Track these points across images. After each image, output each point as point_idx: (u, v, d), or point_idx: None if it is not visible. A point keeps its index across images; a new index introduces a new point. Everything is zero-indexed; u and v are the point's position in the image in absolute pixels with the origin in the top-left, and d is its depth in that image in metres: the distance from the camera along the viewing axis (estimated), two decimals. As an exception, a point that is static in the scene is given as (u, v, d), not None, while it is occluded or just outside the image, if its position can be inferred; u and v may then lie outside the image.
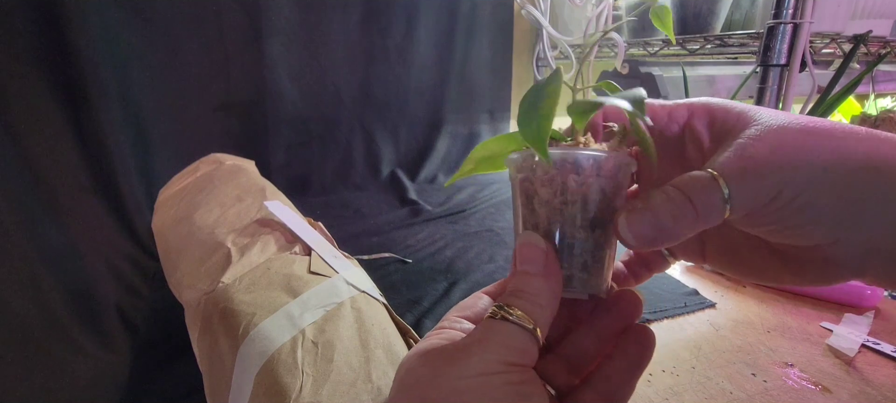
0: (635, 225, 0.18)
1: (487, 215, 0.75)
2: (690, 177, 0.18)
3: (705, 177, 0.17)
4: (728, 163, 0.17)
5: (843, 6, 0.55)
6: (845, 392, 0.35)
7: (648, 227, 0.18)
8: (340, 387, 0.25)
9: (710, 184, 0.17)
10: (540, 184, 0.19)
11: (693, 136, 0.20)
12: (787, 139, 0.17)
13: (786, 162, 0.16)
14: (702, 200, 0.17)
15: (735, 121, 0.19)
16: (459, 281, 0.52)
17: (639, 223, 0.18)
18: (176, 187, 0.49)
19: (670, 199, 0.17)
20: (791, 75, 0.56)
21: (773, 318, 0.45)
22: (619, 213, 0.18)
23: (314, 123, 0.87)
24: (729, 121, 0.19)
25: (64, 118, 0.59)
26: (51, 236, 0.50)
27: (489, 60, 1.02)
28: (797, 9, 0.53)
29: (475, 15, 0.97)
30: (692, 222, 0.17)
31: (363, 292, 0.32)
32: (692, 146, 0.20)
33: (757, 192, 0.17)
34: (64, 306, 0.44)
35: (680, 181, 0.18)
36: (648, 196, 0.18)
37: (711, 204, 0.17)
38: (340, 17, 0.84)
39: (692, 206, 0.17)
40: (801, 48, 0.54)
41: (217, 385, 0.28)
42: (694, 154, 0.20)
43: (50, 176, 0.55)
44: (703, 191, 0.17)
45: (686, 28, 0.69)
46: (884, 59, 0.68)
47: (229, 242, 0.36)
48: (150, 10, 0.69)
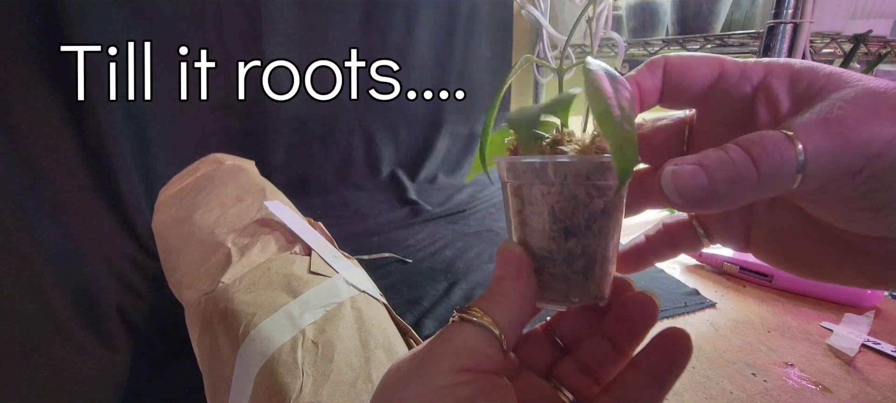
0: (682, 180, 0.15)
1: (487, 215, 0.75)
2: (759, 134, 0.15)
3: (777, 135, 0.14)
4: (810, 123, 0.14)
5: (843, 6, 0.55)
6: (845, 392, 0.35)
7: (697, 185, 0.15)
8: (341, 387, 0.25)
9: (782, 145, 0.14)
10: (512, 191, 0.19)
11: (769, 98, 0.17)
12: (887, 104, 0.14)
13: (883, 128, 0.14)
14: (768, 162, 0.14)
15: (824, 82, 0.16)
16: (459, 281, 0.52)
17: (687, 177, 0.15)
18: (176, 187, 0.49)
19: (729, 157, 0.15)
20: (791, 75, 0.56)
21: (774, 318, 0.45)
22: (666, 164, 0.16)
23: (314, 123, 0.87)
24: (816, 82, 0.16)
25: (64, 118, 0.59)
26: (51, 236, 0.50)
27: (489, 60, 1.02)
28: (797, 8, 0.53)
29: (475, 15, 0.97)
30: (753, 187, 0.14)
31: (363, 292, 0.32)
32: (766, 109, 0.17)
33: (840, 160, 0.14)
34: (64, 306, 0.44)
35: (745, 138, 0.15)
36: (704, 152, 0.15)
37: (780, 168, 0.14)
38: (340, 16, 0.84)
39: (755, 168, 0.14)
40: (801, 48, 0.54)
41: (217, 385, 0.28)
42: (767, 117, 0.17)
43: (50, 176, 0.55)
44: (772, 151, 0.14)
45: (686, 28, 0.69)
46: (884, 58, 0.68)
47: (229, 242, 0.36)
48: (150, 10, 0.69)
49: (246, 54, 0.78)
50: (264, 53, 0.79)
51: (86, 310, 0.46)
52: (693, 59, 0.18)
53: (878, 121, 0.14)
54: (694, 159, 0.15)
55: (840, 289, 0.47)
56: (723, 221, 0.20)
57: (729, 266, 0.53)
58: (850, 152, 0.14)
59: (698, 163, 0.15)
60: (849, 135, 0.14)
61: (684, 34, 0.70)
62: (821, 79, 0.16)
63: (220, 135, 0.80)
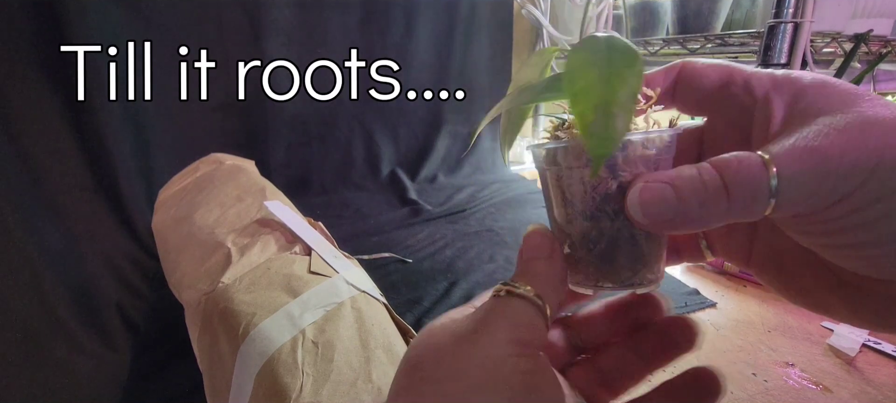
0: (649, 199, 0.15)
1: (487, 215, 0.75)
2: (734, 155, 0.14)
3: (753, 159, 0.14)
4: (788, 149, 0.14)
5: (843, 5, 0.55)
6: (846, 392, 0.35)
7: (665, 205, 0.14)
8: (341, 387, 0.25)
9: (755, 169, 0.14)
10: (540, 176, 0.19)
11: (766, 112, 0.16)
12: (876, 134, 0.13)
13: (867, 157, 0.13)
14: (740, 187, 0.14)
15: (822, 104, 0.15)
16: (459, 281, 0.52)
17: (656, 196, 0.15)
18: (176, 187, 0.49)
19: (700, 178, 0.14)
20: (792, 74, 0.55)
21: (774, 318, 0.45)
22: (634, 182, 0.15)
23: (314, 123, 0.87)
24: (816, 102, 0.15)
25: (64, 118, 0.59)
26: (51, 235, 0.50)
27: (489, 60, 1.01)
28: (798, 8, 0.53)
29: (475, 15, 0.97)
30: (723, 211, 0.14)
31: (363, 292, 0.32)
32: (761, 124, 0.16)
33: (816, 190, 0.13)
34: (64, 305, 0.44)
35: (721, 159, 0.14)
36: (679, 169, 0.15)
37: (751, 194, 0.14)
38: (340, 16, 0.84)
39: (726, 192, 0.14)
40: (801, 47, 0.54)
41: (217, 385, 0.28)
42: (760, 133, 0.16)
43: (50, 175, 0.55)
44: (743, 175, 0.14)
45: (687, 27, 0.69)
46: (885, 58, 0.68)
47: (229, 242, 0.36)
48: (150, 10, 0.69)
49: (246, 54, 0.78)
50: (264, 53, 0.79)
51: (86, 309, 0.46)
52: (707, 65, 0.18)
53: (859, 154, 0.13)
54: (666, 177, 0.15)
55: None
56: (726, 235, 0.20)
57: (729, 265, 0.53)
58: (826, 183, 0.13)
59: (670, 181, 0.15)
60: (826, 166, 0.13)
61: (684, 34, 0.70)
62: (820, 100, 0.15)
63: (220, 135, 0.80)
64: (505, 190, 0.87)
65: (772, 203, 0.14)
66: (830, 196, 0.13)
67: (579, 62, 0.15)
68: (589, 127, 0.14)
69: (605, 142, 0.14)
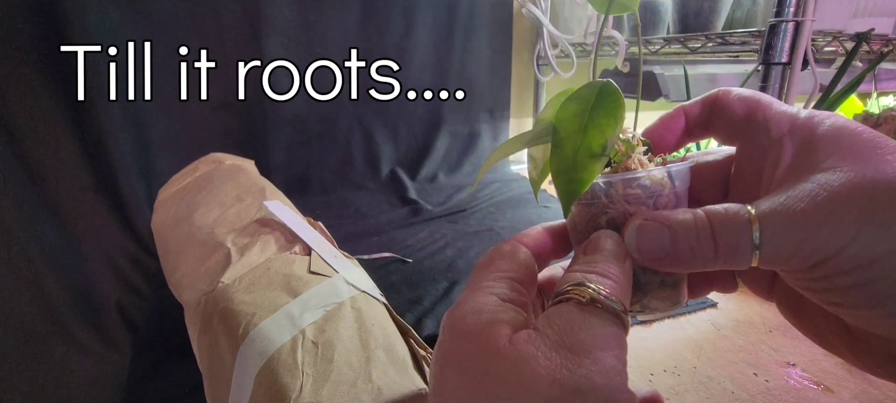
0: (644, 238, 0.16)
1: (488, 214, 0.75)
2: (725, 208, 0.15)
3: (740, 214, 0.15)
4: (775, 209, 0.14)
5: (845, 4, 0.55)
6: (847, 392, 0.35)
7: (658, 245, 0.15)
8: (341, 387, 0.25)
9: (741, 224, 0.15)
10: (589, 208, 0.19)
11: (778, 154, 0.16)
12: (869, 195, 0.13)
13: (848, 224, 0.13)
14: (725, 238, 0.15)
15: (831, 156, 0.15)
16: (460, 281, 0.52)
17: (650, 237, 0.16)
18: (175, 187, 0.49)
19: (694, 224, 0.15)
20: (793, 74, 0.55)
21: (775, 317, 0.45)
22: (634, 217, 0.16)
23: (314, 123, 0.87)
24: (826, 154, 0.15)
25: (64, 117, 0.59)
26: (51, 235, 0.50)
27: (488, 59, 1.01)
28: (799, 7, 0.53)
29: (474, 14, 0.97)
30: (709, 259, 0.15)
31: (363, 292, 0.32)
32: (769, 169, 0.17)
33: (795, 251, 0.14)
34: (65, 304, 0.44)
35: (712, 209, 0.15)
36: (677, 212, 0.16)
37: (735, 246, 0.15)
38: (339, 15, 0.84)
39: (713, 243, 0.15)
40: (802, 46, 0.53)
41: (217, 385, 0.28)
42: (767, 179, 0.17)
43: (50, 175, 0.55)
44: (729, 227, 0.15)
45: (687, 26, 0.69)
46: (886, 57, 0.68)
47: (229, 242, 0.36)
48: (150, 10, 0.69)
49: (246, 54, 0.78)
50: (264, 53, 0.79)
51: (86, 309, 0.46)
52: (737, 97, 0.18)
53: (841, 220, 0.13)
54: (663, 218, 0.16)
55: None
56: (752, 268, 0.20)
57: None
58: (804, 247, 0.14)
59: (666, 223, 0.16)
60: (805, 231, 0.14)
61: (685, 32, 0.70)
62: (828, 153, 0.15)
63: (220, 135, 0.80)
64: (505, 190, 0.87)
65: (756, 255, 0.15)
66: (812, 257, 0.14)
67: (568, 113, 0.17)
68: (559, 174, 0.16)
69: (571, 187, 0.16)
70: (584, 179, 0.16)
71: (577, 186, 0.16)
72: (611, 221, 0.18)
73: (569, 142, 0.16)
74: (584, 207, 0.18)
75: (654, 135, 0.20)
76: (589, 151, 0.16)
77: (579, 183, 0.16)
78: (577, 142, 0.16)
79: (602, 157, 0.16)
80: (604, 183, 0.17)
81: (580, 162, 0.16)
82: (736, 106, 0.18)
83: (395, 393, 0.25)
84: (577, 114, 0.17)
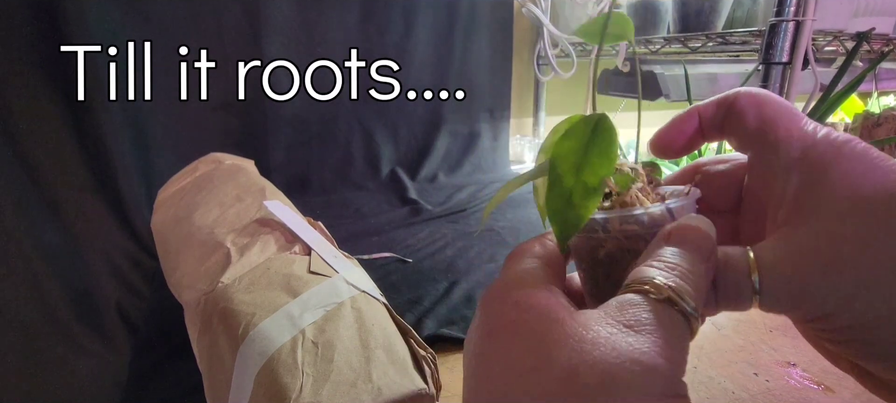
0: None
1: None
2: (725, 253, 0.15)
3: (739, 259, 0.14)
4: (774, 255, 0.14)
5: (845, 4, 0.55)
6: (848, 392, 0.35)
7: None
8: (341, 387, 0.25)
9: (740, 271, 0.14)
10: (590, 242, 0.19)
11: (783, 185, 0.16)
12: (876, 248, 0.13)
13: (851, 279, 0.13)
14: (725, 282, 0.15)
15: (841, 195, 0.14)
16: (460, 281, 0.52)
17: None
18: (175, 187, 0.49)
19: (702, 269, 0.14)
20: (793, 73, 0.55)
21: (776, 317, 0.45)
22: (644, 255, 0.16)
23: (314, 123, 0.87)
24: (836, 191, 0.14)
25: (64, 117, 0.59)
26: (51, 235, 0.50)
27: (489, 59, 1.01)
28: (799, 6, 0.53)
29: (475, 14, 0.97)
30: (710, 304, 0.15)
31: (363, 292, 0.32)
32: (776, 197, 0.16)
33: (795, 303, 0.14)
34: (64, 305, 0.44)
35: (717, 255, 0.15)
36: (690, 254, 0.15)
37: (735, 290, 0.14)
38: (339, 15, 0.84)
39: (715, 289, 0.15)
40: (803, 46, 0.53)
41: (217, 386, 0.28)
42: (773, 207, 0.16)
43: (50, 175, 0.55)
44: (730, 275, 0.15)
45: (688, 25, 0.69)
46: (886, 56, 0.68)
47: (229, 242, 0.36)
48: (150, 10, 0.69)
49: (246, 54, 0.78)
50: (264, 53, 0.79)
51: (85, 309, 0.46)
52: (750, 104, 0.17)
53: (843, 275, 0.13)
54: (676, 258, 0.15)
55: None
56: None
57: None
58: (804, 301, 0.14)
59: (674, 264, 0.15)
60: (804, 285, 0.13)
61: (686, 32, 0.69)
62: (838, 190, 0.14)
63: (220, 135, 0.80)
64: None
65: (756, 299, 0.14)
66: (811, 313, 0.14)
67: (564, 150, 0.17)
68: (555, 212, 0.17)
69: (567, 226, 0.16)
70: (581, 216, 0.16)
71: (572, 224, 0.16)
72: (609, 255, 0.18)
73: (565, 179, 0.17)
74: (583, 237, 0.18)
75: (667, 136, 0.20)
76: (584, 189, 0.16)
77: (575, 220, 0.16)
78: (572, 181, 0.16)
79: (596, 196, 0.16)
80: (601, 218, 0.17)
81: (575, 200, 0.16)
82: (749, 117, 0.17)
83: (395, 393, 0.25)
84: (572, 151, 0.17)
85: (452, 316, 0.45)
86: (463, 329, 0.42)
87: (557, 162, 0.17)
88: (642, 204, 0.18)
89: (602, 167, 0.16)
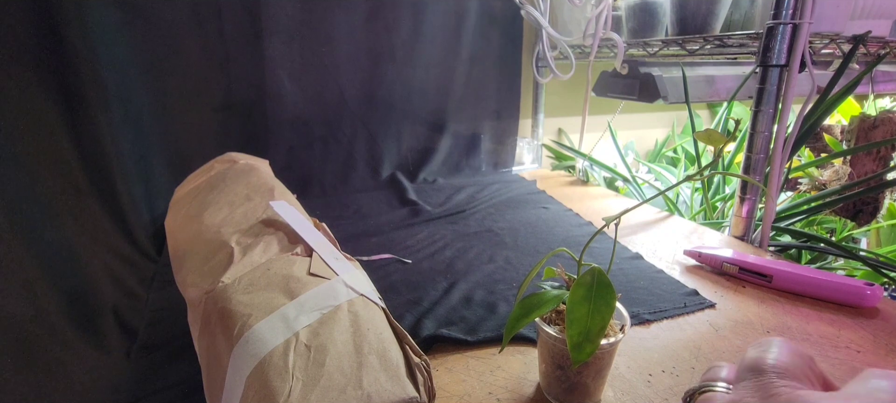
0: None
1: (487, 215, 0.75)
2: None
3: None
4: None
5: (842, 6, 0.55)
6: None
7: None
8: (330, 393, 0.24)
9: None
10: None
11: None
12: None
13: None
14: None
15: None
16: (459, 282, 0.52)
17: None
18: (190, 185, 0.49)
19: None
20: (790, 75, 0.56)
21: (773, 319, 0.45)
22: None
23: (316, 124, 0.87)
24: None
25: (61, 120, 0.59)
26: (48, 238, 0.50)
27: (496, 60, 1.00)
28: (796, 9, 0.53)
29: (484, 13, 0.95)
30: None
31: (362, 295, 0.32)
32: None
33: None
34: (61, 308, 0.44)
35: None
36: None
37: None
38: (344, 14, 0.83)
39: None
40: (800, 48, 0.54)
41: (214, 385, 0.28)
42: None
43: (47, 177, 0.55)
44: None
45: (686, 28, 0.69)
46: (883, 59, 0.68)
47: (233, 241, 0.36)
48: (150, 10, 0.69)
49: (246, 54, 0.78)
50: (265, 52, 0.79)
51: (82, 312, 0.46)
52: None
53: None
54: None
55: (840, 290, 0.47)
56: None
57: (728, 266, 0.53)
58: None
59: None
60: None
61: (683, 34, 0.70)
62: None
63: (221, 137, 0.79)
64: (505, 190, 0.87)
65: None
66: None
67: (577, 298, 0.29)
68: (575, 345, 0.27)
69: (582, 354, 0.27)
70: (589, 351, 0.27)
71: (584, 355, 0.27)
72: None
73: (580, 322, 0.28)
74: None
75: None
76: (594, 332, 0.27)
77: (586, 353, 0.27)
78: (586, 324, 0.28)
79: (602, 333, 0.27)
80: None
81: (589, 339, 0.27)
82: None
83: (385, 400, 0.25)
84: (585, 299, 0.28)
85: (451, 316, 0.45)
86: (462, 329, 0.42)
87: (575, 307, 0.29)
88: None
89: (607, 313, 0.28)
